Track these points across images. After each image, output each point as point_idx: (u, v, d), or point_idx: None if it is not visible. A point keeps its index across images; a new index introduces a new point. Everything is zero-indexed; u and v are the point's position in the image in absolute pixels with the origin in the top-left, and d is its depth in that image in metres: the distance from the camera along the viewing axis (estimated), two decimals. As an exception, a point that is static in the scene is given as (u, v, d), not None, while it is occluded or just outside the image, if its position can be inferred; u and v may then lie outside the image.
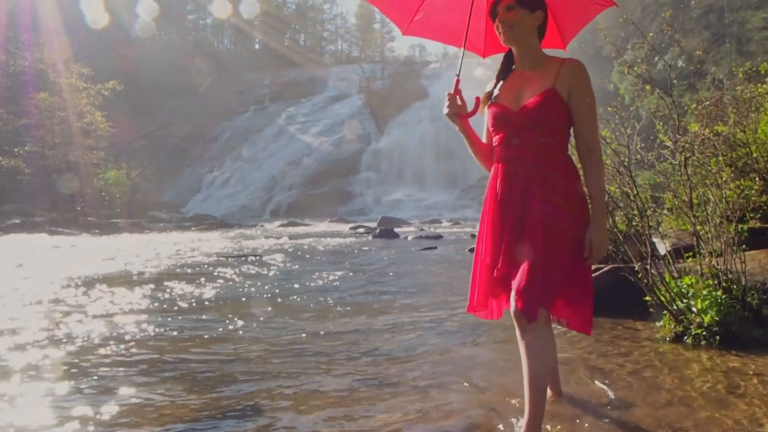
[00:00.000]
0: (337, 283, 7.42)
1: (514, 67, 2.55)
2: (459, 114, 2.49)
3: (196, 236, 19.37)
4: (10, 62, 30.26)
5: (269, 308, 5.56)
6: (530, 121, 2.36)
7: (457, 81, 2.53)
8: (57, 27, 37.04)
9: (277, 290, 6.73)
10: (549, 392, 2.69)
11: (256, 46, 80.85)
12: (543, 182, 2.34)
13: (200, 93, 60.20)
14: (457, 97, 2.50)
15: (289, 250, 13.12)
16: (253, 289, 6.86)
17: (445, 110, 2.48)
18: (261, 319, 5.05)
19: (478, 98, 2.51)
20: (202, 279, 7.65)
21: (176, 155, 53.00)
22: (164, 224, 27.13)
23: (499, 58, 2.68)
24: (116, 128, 33.74)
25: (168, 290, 6.61)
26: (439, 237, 17.58)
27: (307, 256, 11.52)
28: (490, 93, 2.54)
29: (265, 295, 6.38)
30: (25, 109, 29.18)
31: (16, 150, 27.67)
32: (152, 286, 6.94)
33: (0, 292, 6.51)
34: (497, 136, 2.47)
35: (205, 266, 9.37)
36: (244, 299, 6.15)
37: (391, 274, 8.36)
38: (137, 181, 34.98)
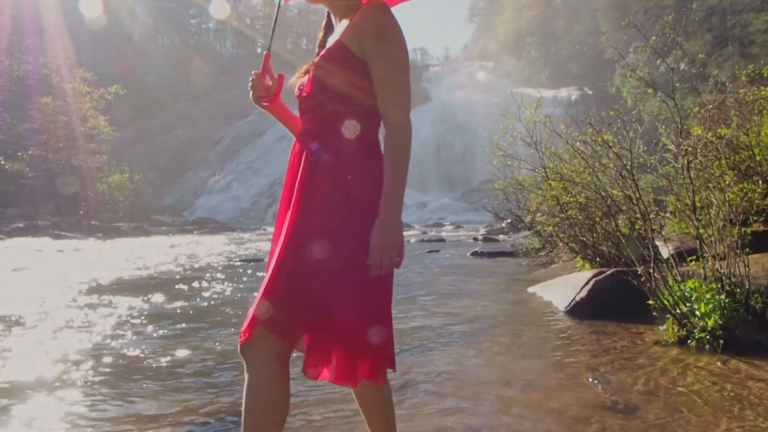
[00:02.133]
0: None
1: None
2: (263, 97, 2.01)
3: (199, 240, 19.38)
4: (13, 67, 30.31)
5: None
6: (313, 87, 1.80)
7: (267, 56, 2.00)
8: (60, 31, 37.14)
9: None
10: None
11: (258, 50, 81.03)
12: (324, 164, 1.76)
13: (202, 97, 60.28)
14: (267, 76, 2.01)
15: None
16: (255, 293, 6.85)
17: (250, 94, 2.02)
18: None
19: (282, 75, 2.01)
20: (204, 283, 7.65)
21: (179, 159, 53.09)
22: (167, 228, 27.17)
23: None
24: (119, 132, 33.80)
25: (169, 295, 6.61)
26: (441, 240, 17.58)
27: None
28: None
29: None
30: (28, 113, 29.23)
31: (19, 154, 27.68)
32: (154, 290, 6.94)
33: (5, 298, 6.52)
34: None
35: (207, 270, 9.37)
36: (246, 304, 6.14)
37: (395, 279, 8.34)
38: (140, 184, 35.00)
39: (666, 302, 4.01)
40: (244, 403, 1.63)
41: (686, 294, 3.98)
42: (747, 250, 4.04)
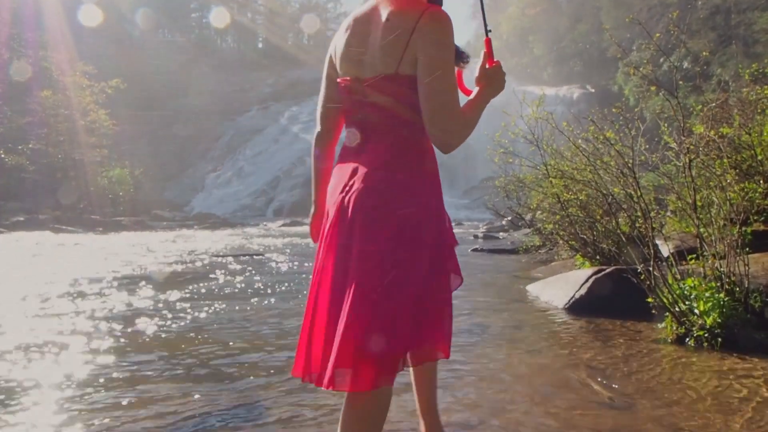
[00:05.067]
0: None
1: None
2: None
3: (199, 235, 19.37)
4: (13, 60, 30.25)
5: (271, 308, 5.55)
6: None
7: (487, 41, 1.92)
8: (61, 25, 37.08)
9: (279, 290, 6.73)
10: None
11: (260, 45, 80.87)
12: None
13: (203, 92, 60.22)
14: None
15: (292, 249, 13.12)
16: (254, 288, 6.85)
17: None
18: (262, 319, 5.04)
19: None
20: (204, 279, 7.65)
21: (179, 154, 53.06)
22: (167, 223, 27.14)
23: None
24: (119, 126, 33.73)
25: (169, 290, 6.61)
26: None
27: (310, 255, 11.51)
28: None
29: (266, 295, 6.37)
30: (29, 107, 29.17)
31: (20, 148, 27.66)
32: (153, 285, 6.95)
33: (3, 293, 6.53)
34: None
35: (207, 265, 9.37)
36: (245, 299, 6.14)
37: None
38: (141, 179, 34.99)
39: (665, 300, 4.01)
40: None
41: (685, 292, 3.98)
42: (747, 249, 4.04)
